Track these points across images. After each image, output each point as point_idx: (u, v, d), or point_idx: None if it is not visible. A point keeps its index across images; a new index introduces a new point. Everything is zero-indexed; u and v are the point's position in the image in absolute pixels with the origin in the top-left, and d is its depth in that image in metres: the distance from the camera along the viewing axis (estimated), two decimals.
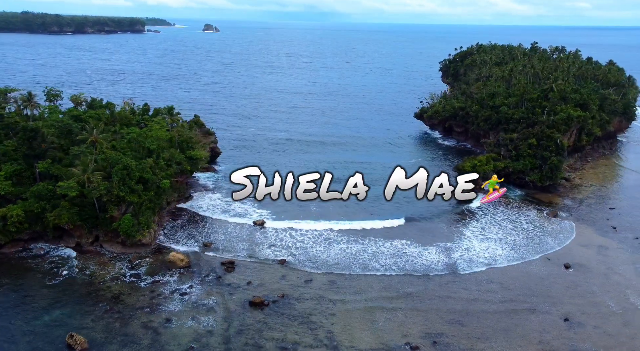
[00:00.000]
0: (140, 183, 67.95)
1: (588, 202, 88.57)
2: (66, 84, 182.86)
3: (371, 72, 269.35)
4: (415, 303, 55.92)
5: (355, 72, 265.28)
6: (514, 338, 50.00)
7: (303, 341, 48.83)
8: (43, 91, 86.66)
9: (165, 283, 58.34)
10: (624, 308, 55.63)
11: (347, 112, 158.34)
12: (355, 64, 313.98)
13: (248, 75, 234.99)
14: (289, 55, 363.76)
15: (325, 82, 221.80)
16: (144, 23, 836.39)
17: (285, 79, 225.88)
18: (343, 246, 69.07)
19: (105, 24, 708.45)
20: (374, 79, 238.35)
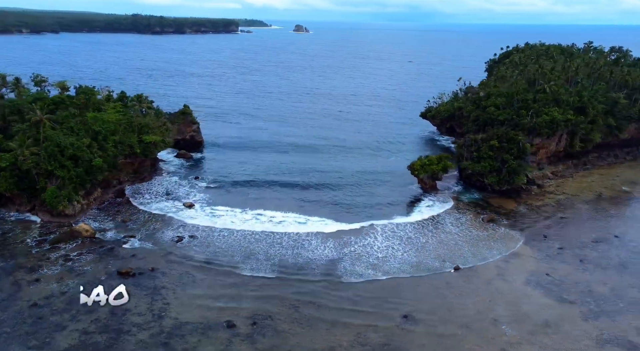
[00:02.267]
0: (73, 160, 74.78)
1: (543, 210, 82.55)
2: (128, 76, 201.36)
3: (425, 73, 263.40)
4: (261, 292, 56.48)
5: (407, 75, 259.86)
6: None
7: (136, 309, 51.93)
8: (30, 77, 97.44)
9: (58, 249, 64.17)
10: (470, 316, 52.50)
11: (355, 112, 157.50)
12: (415, 63, 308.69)
13: (293, 76, 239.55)
14: (355, 56, 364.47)
15: (365, 84, 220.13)
16: (238, 24, 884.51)
17: (328, 81, 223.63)
18: (249, 237, 70.32)
19: (202, 25, 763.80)
20: (417, 81, 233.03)
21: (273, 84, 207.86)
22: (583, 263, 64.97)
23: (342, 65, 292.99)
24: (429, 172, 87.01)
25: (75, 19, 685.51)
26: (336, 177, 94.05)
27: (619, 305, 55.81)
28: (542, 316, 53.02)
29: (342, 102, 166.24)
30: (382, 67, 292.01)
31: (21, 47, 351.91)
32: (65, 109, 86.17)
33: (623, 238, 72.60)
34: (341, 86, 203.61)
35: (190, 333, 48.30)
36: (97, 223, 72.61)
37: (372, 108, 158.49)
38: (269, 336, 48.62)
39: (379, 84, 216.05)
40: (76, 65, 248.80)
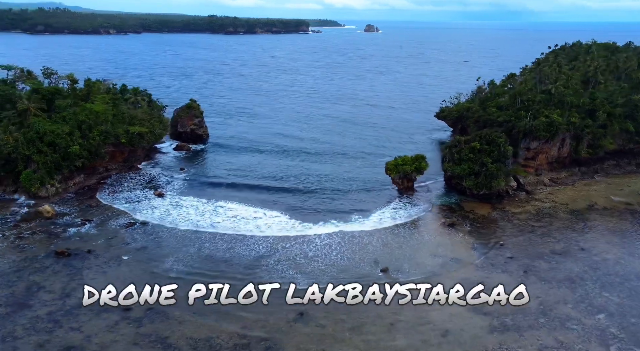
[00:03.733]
0: (51, 146, 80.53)
1: (517, 218, 77.20)
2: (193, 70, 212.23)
3: (476, 74, 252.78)
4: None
5: (456, 75, 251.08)
6: None
7: (51, 286, 55.25)
8: (41, 70, 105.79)
9: (18, 227, 69.50)
10: (367, 319, 50.32)
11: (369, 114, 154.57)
12: (469, 64, 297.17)
13: (332, 77, 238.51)
14: (411, 56, 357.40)
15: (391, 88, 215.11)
16: (309, 24, 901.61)
17: (365, 83, 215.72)
18: (196, 229, 71.77)
19: (273, 25, 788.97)
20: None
21: (307, 84, 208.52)
22: (526, 275, 60.13)
23: (389, 67, 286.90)
24: (401, 171, 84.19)
25: (156, 21, 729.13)
26: (322, 181, 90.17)
27: (539, 320, 51.24)
28: (445, 325, 49.93)
29: (368, 106, 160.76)
30: (433, 67, 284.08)
31: (99, 46, 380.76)
32: (62, 99, 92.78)
33: (589, 252, 66.24)
34: (376, 89, 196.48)
35: (85, 313, 50.47)
36: (66, 206, 77.51)
37: (396, 112, 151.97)
38: (158, 322, 49.82)
39: (418, 85, 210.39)
40: (128, 63, 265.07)
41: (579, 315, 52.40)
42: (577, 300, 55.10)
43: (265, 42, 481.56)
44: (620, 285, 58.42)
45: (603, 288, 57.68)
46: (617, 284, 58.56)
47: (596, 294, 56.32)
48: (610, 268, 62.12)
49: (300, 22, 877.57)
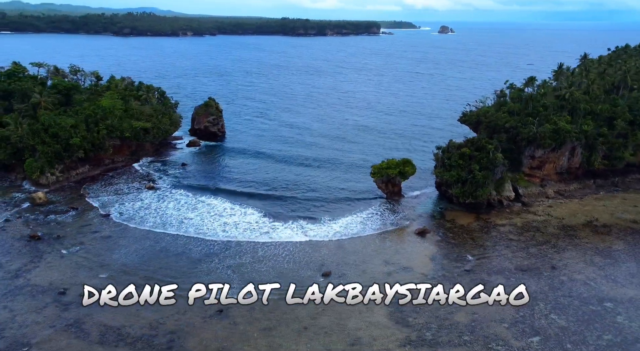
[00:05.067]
0: (55, 138, 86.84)
1: (498, 230, 72.70)
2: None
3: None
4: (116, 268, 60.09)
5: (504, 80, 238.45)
6: None
7: (8, 265, 59.74)
8: (68, 67, 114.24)
9: (10, 210, 75.70)
10: (282, 318, 49.50)
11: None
12: (533, 67, 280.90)
13: (365, 81, 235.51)
14: (471, 59, 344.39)
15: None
16: (380, 26, 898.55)
17: (400, 89, 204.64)
18: (167, 219, 74.62)
19: (344, 27, 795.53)
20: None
21: (345, 88, 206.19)
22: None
23: (441, 70, 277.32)
24: (384, 175, 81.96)
25: (231, 23, 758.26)
26: (312, 188, 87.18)
27: (463, 337, 48.09)
28: (358, 333, 48.25)
29: (399, 112, 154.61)
30: (488, 71, 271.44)
31: (165, 47, 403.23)
32: (79, 95, 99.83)
33: (558, 271, 60.96)
34: (416, 94, 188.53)
35: (24, 294, 54.11)
36: (60, 194, 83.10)
37: (426, 119, 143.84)
38: (83, 307, 52.11)
39: (463, 90, 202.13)
40: (179, 64, 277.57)
41: (510, 335, 48.52)
42: (517, 320, 50.99)
43: (326, 44, 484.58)
44: (575, 308, 53.34)
45: (554, 309, 52.94)
46: (573, 307, 53.50)
47: (542, 315, 51.80)
48: (574, 290, 56.82)
49: (371, 23, 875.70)
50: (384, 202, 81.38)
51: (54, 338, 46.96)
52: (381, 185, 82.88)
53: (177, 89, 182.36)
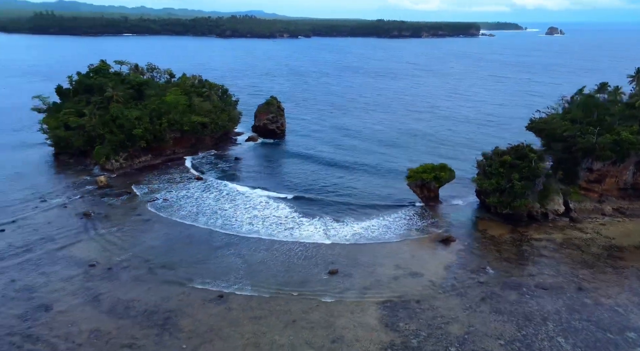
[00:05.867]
0: (121, 128, 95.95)
1: (531, 244, 68.41)
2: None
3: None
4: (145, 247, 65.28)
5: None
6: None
7: (60, 240, 67.56)
8: (145, 65, 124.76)
9: (78, 189, 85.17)
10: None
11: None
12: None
13: (455, 82, 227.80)
14: (562, 64, 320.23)
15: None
16: (479, 27, 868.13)
17: (469, 94, 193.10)
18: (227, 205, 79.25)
19: (440, 29, 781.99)
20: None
21: (410, 92, 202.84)
22: (481, 302, 54.03)
23: (525, 76, 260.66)
24: (417, 179, 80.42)
25: (325, 25, 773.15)
26: (352, 192, 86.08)
27: (449, 349, 46.42)
28: (344, 332, 48.48)
29: (458, 119, 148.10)
30: (583, 77, 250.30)
31: (254, 49, 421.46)
32: (150, 90, 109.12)
33: (585, 292, 56.19)
34: (483, 101, 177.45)
35: (62, 264, 61.05)
36: (121, 179, 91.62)
37: (487, 128, 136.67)
38: (110, 279, 57.91)
39: (544, 99, 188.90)
40: (258, 64, 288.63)
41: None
42: (516, 338, 48.10)
43: (417, 46, 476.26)
44: (590, 333, 49.05)
45: (563, 332, 49.13)
46: (587, 332, 49.24)
47: (547, 337, 48.34)
48: (595, 314, 52.18)
49: (470, 25, 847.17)
50: (416, 208, 79.72)
51: (72, 304, 52.60)
52: (415, 189, 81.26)
53: (252, 88, 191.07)
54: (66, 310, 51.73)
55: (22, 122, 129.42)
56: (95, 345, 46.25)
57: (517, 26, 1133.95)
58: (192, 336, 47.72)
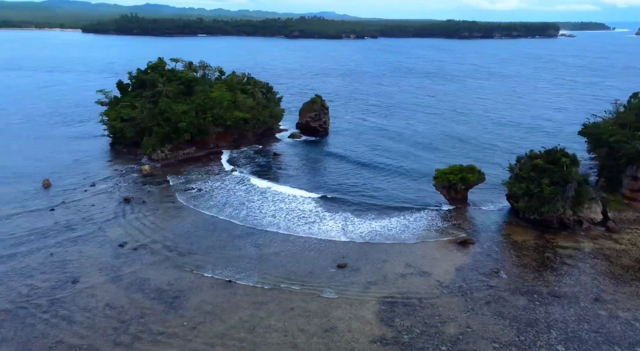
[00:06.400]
0: (167, 121, 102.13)
1: (557, 253, 65.86)
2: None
3: None
4: (167, 231, 69.49)
5: None
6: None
7: (96, 220, 73.69)
8: (198, 63, 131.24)
9: (124, 176, 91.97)
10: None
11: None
12: None
13: (513, 86, 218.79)
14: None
15: None
16: (558, 27, 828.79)
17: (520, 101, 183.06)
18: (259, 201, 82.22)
19: (514, 29, 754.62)
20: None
21: (461, 95, 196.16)
22: (485, 306, 53.05)
23: (598, 80, 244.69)
24: (444, 180, 79.46)
25: (394, 26, 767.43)
26: (381, 195, 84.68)
27: (440, 347, 46.12)
28: (338, 323, 49.54)
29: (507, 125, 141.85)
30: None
31: (319, 48, 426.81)
32: (198, 86, 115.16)
33: (601, 304, 53.56)
34: (533, 108, 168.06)
35: (96, 242, 66.71)
36: (164, 169, 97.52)
37: (537, 135, 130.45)
38: (133, 259, 62.61)
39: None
40: (315, 64, 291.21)
41: None
42: (512, 342, 47.00)
43: (485, 48, 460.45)
44: (595, 345, 46.94)
45: (566, 341, 47.35)
46: (592, 343, 47.15)
47: (546, 345, 46.83)
48: (606, 326, 49.73)
49: (548, 25, 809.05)
50: (441, 210, 78.65)
51: (96, 279, 57.48)
52: (442, 190, 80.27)
53: (305, 86, 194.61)
54: (90, 283, 56.57)
55: (89, 114, 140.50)
56: (107, 316, 50.42)
57: (603, 26, 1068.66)
58: (195, 315, 50.72)
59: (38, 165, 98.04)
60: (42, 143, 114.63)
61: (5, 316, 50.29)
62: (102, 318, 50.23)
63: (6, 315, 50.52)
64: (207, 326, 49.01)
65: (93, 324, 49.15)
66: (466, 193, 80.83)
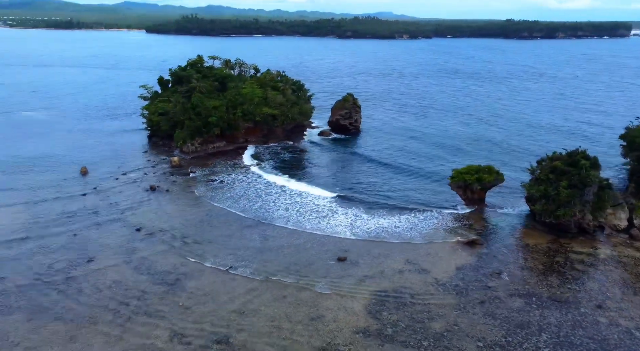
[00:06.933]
0: (199, 115, 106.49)
1: (568, 257, 63.76)
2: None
3: None
4: (191, 217, 72.71)
5: None
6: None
7: (119, 206, 78.39)
8: (235, 61, 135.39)
9: (155, 166, 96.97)
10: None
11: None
12: None
13: (557, 89, 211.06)
14: None
15: None
16: (630, 27, 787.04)
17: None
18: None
19: (579, 29, 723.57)
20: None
21: (501, 96, 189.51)
22: (478, 305, 52.37)
23: None
24: (460, 180, 78.39)
25: (450, 26, 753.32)
26: (398, 195, 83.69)
27: (422, 342, 46.20)
28: (325, 312, 50.64)
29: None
30: None
31: (365, 48, 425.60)
32: (232, 82, 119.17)
33: (603, 311, 51.57)
34: (582, 112, 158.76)
35: (117, 226, 71.01)
36: (193, 160, 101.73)
37: (576, 140, 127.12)
38: (146, 243, 66.34)
39: None
40: (358, 64, 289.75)
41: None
42: (498, 343, 46.28)
43: (543, 48, 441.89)
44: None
45: (556, 346, 46.09)
46: (583, 350, 45.64)
47: (533, 347, 45.81)
48: (603, 333, 47.94)
49: (618, 24, 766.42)
50: (455, 210, 77.54)
51: (110, 259, 61.42)
52: (458, 190, 79.17)
53: (343, 85, 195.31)
54: (103, 263, 60.54)
55: (133, 108, 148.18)
56: (112, 292, 53.97)
57: None
58: (192, 296, 53.30)
59: (80, 155, 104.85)
60: (87, 135, 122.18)
61: (22, 288, 54.91)
62: (108, 294, 53.75)
63: (24, 287, 55.13)
64: (200, 307, 51.42)
65: (98, 299, 52.73)
66: (483, 194, 79.29)
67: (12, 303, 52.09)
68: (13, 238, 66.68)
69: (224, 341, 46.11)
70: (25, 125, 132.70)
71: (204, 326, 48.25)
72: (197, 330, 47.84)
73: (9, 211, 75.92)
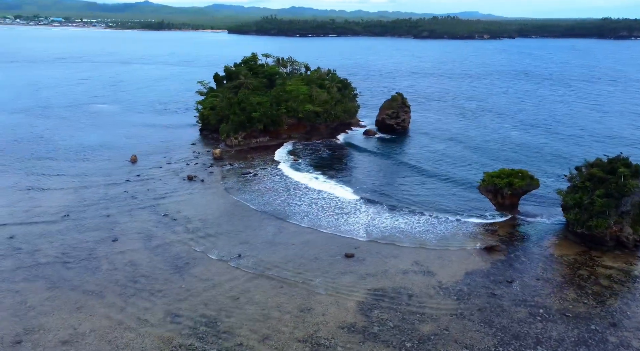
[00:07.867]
0: (243, 110, 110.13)
1: (595, 271, 59.27)
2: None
3: None
4: (222, 209, 75.56)
5: None
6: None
7: (155, 191, 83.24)
8: (287, 58, 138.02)
9: (193, 158, 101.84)
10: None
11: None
12: None
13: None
14: None
15: None
16: None
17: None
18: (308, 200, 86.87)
19: None
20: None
21: (569, 102, 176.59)
22: (477, 312, 50.19)
23: None
24: (489, 183, 75.07)
25: (536, 26, 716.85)
26: (425, 200, 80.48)
27: (405, 343, 45.09)
28: (316, 306, 51.01)
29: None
30: None
31: (432, 49, 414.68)
32: (279, 79, 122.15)
33: (617, 329, 47.49)
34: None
35: (147, 211, 75.49)
36: (234, 153, 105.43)
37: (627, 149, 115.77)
38: (167, 228, 70.06)
39: None
40: (421, 65, 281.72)
41: None
42: (490, 348, 44.25)
43: (635, 49, 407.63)
44: None
45: None
46: None
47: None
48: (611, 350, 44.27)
49: None
50: (481, 217, 74.16)
51: (132, 241, 65.61)
52: (487, 194, 75.75)
53: (400, 85, 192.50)
54: (125, 243, 64.77)
55: (192, 103, 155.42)
56: (125, 271, 57.69)
57: None
58: (194, 280, 55.71)
59: (134, 145, 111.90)
60: (146, 128, 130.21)
61: (51, 259, 60.16)
62: (121, 272, 57.53)
63: (53, 258, 60.37)
64: (199, 290, 53.63)
65: (111, 276, 56.61)
66: (516, 200, 75.31)
67: (39, 273, 57.24)
68: (56, 218, 72.84)
69: (211, 324, 47.78)
70: (95, 117, 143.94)
71: (198, 309, 50.30)
72: (191, 311, 49.98)
73: (60, 193, 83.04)
